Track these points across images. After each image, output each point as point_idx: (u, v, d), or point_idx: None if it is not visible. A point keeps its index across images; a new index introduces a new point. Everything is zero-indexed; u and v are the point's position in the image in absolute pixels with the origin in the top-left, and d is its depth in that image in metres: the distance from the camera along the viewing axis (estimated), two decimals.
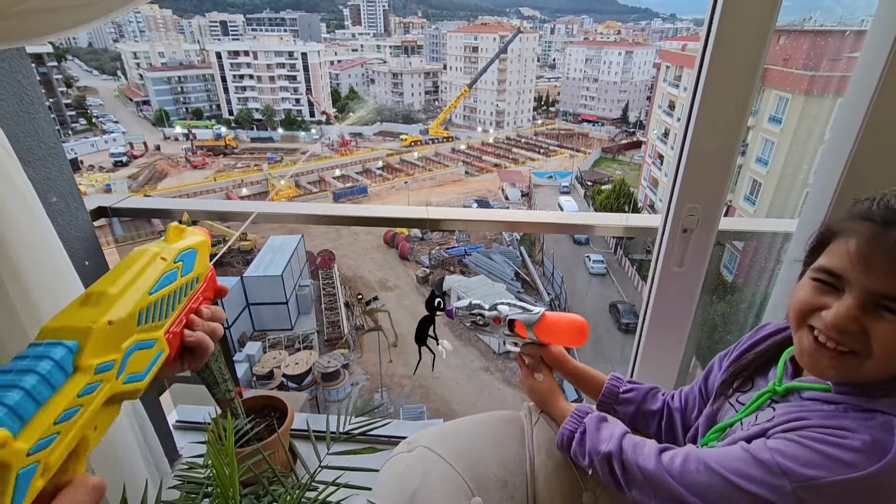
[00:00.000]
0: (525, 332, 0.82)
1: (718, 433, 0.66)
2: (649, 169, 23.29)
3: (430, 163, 36.55)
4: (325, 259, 17.03)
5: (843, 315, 0.50)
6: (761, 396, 0.63)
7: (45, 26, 0.62)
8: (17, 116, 0.90)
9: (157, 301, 0.39)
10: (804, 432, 0.52)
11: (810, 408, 0.56)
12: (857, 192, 0.60)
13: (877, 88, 0.88)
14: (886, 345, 0.48)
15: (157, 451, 1.11)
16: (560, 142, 42.96)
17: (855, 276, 0.50)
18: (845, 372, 0.52)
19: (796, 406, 0.58)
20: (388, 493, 0.72)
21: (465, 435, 0.80)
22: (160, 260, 0.41)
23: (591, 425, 0.71)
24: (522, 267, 18.38)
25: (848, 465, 0.47)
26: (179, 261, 0.43)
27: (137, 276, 0.38)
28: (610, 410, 0.83)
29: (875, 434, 0.48)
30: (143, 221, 17.17)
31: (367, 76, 55.56)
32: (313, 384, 11.04)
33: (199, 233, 0.49)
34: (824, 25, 11.69)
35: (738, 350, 0.73)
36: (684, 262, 1.08)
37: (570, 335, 0.79)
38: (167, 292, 0.40)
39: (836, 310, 0.51)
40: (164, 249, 0.42)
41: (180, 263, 0.43)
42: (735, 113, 0.95)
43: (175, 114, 46.23)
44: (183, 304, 0.44)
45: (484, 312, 0.84)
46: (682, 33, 76.75)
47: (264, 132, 43.77)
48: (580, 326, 0.78)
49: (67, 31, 0.65)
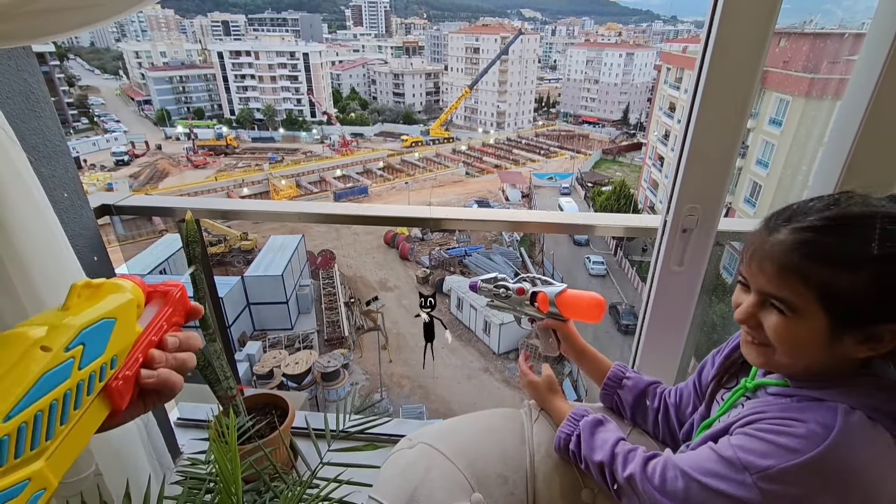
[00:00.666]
0: (546, 305, 0.84)
1: (705, 430, 0.68)
2: (649, 171, 23.30)
3: (430, 163, 36.58)
4: (326, 259, 17.05)
5: (742, 310, 0.57)
6: (735, 393, 0.65)
7: (51, 26, 0.63)
8: (24, 114, 0.91)
9: (26, 423, 0.26)
10: (759, 424, 0.55)
11: (771, 402, 0.58)
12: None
13: (875, 91, 0.89)
14: (775, 335, 0.54)
15: (159, 448, 1.12)
16: (560, 143, 42.98)
17: (749, 277, 0.57)
18: (767, 361, 0.57)
19: (761, 401, 0.60)
20: (389, 489, 0.72)
21: (465, 432, 0.80)
22: (39, 351, 0.28)
23: (585, 431, 0.72)
24: (522, 268, 18.39)
25: (793, 451, 0.50)
26: (77, 345, 0.30)
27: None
28: (613, 395, 0.84)
29: (819, 419, 0.51)
30: (145, 221, 17.18)
31: (368, 77, 55.64)
32: (313, 384, 11.04)
33: (123, 287, 0.36)
34: (824, 28, 11.71)
35: (729, 347, 0.74)
36: (684, 262, 1.09)
37: (589, 309, 0.82)
38: (48, 401, 0.27)
39: (741, 307, 0.58)
40: (53, 330, 0.29)
41: (78, 349, 0.30)
42: (735, 114, 0.96)
43: (176, 113, 46.31)
44: (90, 398, 0.31)
45: (508, 284, 0.87)
46: (683, 35, 76.81)
47: (265, 132, 43.83)
48: (599, 302, 0.82)
49: (73, 32, 0.66)
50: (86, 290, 0.34)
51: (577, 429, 0.73)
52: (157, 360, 0.38)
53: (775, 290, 0.52)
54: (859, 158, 0.95)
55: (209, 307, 1.10)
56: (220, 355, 1.15)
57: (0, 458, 0.25)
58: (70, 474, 0.83)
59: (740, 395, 0.65)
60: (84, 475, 0.84)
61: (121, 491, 0.86)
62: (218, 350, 1.14)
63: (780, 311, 0.52)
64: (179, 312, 0.41)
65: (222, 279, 12.79)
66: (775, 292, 0.52)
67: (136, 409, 0.38)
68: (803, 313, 0.51)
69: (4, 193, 0.71)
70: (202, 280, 1.07)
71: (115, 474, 0.89)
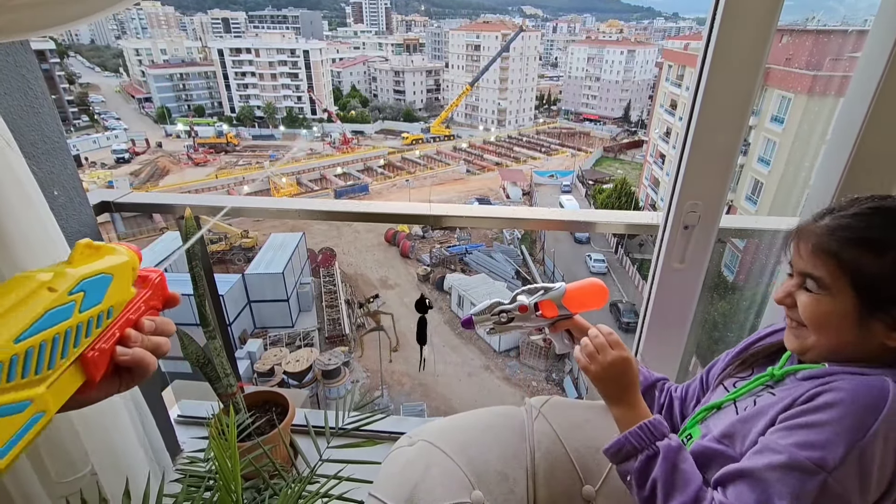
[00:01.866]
0: (554, 310, 0.82)
1: (706, 412, 0.68)
2: (651, 168, 23.23)
3: (431, 161, 36.50)
4: (326, 257, 17.06)
5: (781, 289, 0.63)
6: (759, 379, 0.66)
7: (45, 19, 0.62)
8: (22, 111, 0.91)
9: (32, 347, 0.30)
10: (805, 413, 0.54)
11: (805, 385, 0.58)
12: (857, 190, 0.62)
13: (878, 88, 0.89)
14: (805, 310, 0.58)
15: (158, 446, 1.12)
16: (561, 141, 42.86)
17: (794, 260, 0.62)
18: (801, 344, 0.61)
19: (791, 387, 0.61)
20: (389, 486, 0.72)
21: (466, 429, 0.80)
22: (46, 291, 0.32)
23: (668, 457, 0.60)
24: (523, 265, 18.38)
25: (856, 425, 0.50)
26: (79, 291, 0.34)
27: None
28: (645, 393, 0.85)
29: (865, 383, 0.52)
30: (145, 219, 17.19)
31: (368, 74, 55.48)
32: (314, 382, 11.06)
33: (121, 251, 0.40)
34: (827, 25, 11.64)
35: (744, 344, 0.75)
36: (685, 259, 1.09)
37: (594, 297, 0.82)
38: (52, 334, 0.32)
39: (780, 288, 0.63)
40: (58, 276, 0.34)
41: (79, 294, 0.34)
42: (737, 110, 0.95)
43: (177, 111, 46.24)
44: (88, 340, 0.35)
45: (506, 307, 0.82)
46: (684, 32, 76.47)
47: (266, 130, 43.76)
48: (600, 287, 0.83)
49: (69, 25, 0.65)
50: (87, 250, 0.38)
51: (652, 449, 0.61)
52: (132, 339, 0.39)
53: (811, 269, 0.58)
54: (862, 156, 0.95)
55: (209, 304, 1.10)
56: (221, 352, 1.15)
57: (10, 375, 0.29)
58: (66, 473, 0.83)
59: (764, 382, 0.65)
60: (81, 474, 0.85)
61: (119, 490, 0.86)
62: (218, 347, 1.14)
63: (812, 290, 0.57)
64: (157, 297, 0.43)
65: (223, 277, 12.80)
66: (811, 270, 0.57)
67: (110, 386, 0.40)
68: (834, 291, 0.55)
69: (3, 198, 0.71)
70: (202, 277, 1.07)
71: (113, 473, 0.89)
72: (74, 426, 0.82)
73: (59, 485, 0.82)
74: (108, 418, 0.89)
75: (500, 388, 12.29)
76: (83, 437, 0.83)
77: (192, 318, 1.03)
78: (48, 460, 0.81)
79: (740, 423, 0.61)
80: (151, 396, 1.21)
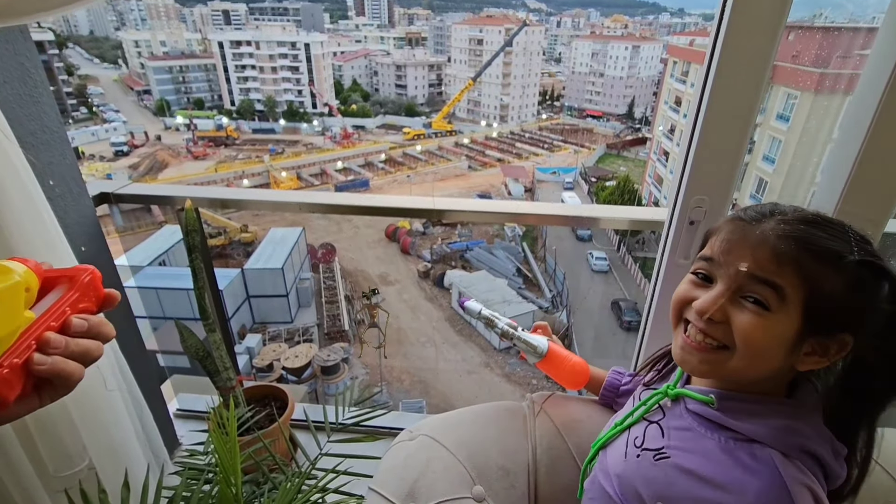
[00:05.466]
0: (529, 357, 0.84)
1: (619, 428, 0.64)
2: (654, 166, 23.15)
3: (432, 157, 36.38)
4: (326, 252, 17.05)
5: (711, 300, 0.51)
6: (652, 398, 0.62)
7: (43, 2, 0.61)
8: (21, 100, 0.89)
9: None
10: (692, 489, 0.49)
11: (692, 437, 0.54)
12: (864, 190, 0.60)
13: (887, 86, 0.87)
14: (744, 334, 0.49)
15: (155, 439, 1.12)
16: (564, 137, 42.68)
17: (725, 261, 0.52)
18: (714, 367, 0.52)
19: (680, 422, 0.56)
20: (389, 480, 0.72)
21: (467, 424, 0.80)
22: None
23: None
24: (524, 263, 18.37)
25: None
26: None
27: None
28: (612, 403, 0.84)
29: (754, 477, 0.47)
30: (144, 212, 17.18)
31: (370, 68, 55.15)
32: (313, 377, 11.10)
33: (7, 271, 0.33)
34: (835, 22, 11.54)
35: (662, 350, 0.72)
36: (690, 255, 1.08)
37: (569, 378, 0.82)
38: None
39: (705, 296, 0.52)
40: None
41: None
42: (744, 106, 0.94)
43: (176, 104, 46.01)
44: None
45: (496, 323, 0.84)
46: (690, 28, 75.75)
47: (266, 123, 43.58)
48: (581, 373, 0.82)
49: (67, 7, 0.64)
50: None
51: None
52: (52, 345, 0.33)
53: (768, 276, 0.48)
54: (870, 154, 0.94)
55: (209, 297, 1.09)
56: (220, 345, 1.15)
57: None
58: (63, 468, 0.83)
59: (658, 400, 0.61)
60: (77, 469, 0.84)
61: (117, 483, 0.86)
62: (217, 340, 1.14)
63: (759, 305, 0.48)
64: (89, 298, 0.38)
65: (222, 271, 12.77)
66: (768, 277, 0.48)
67: (30, 402, 0.34)
68: (782, 309, 0.47)
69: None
70: (202, 270, 1.06)
71: (110, 467, 0.89)
72: (72, 420, 0.82)
73: (56, 479, 0.82)
74: (107, 413, 0.89)
75: (500, 386, 12.33)
76: (81, 431, 0.83)
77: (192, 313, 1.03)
78: (45, 454, 0.81)
79: (632, 472, 0.56)
80: (149, 390, 1.21)
